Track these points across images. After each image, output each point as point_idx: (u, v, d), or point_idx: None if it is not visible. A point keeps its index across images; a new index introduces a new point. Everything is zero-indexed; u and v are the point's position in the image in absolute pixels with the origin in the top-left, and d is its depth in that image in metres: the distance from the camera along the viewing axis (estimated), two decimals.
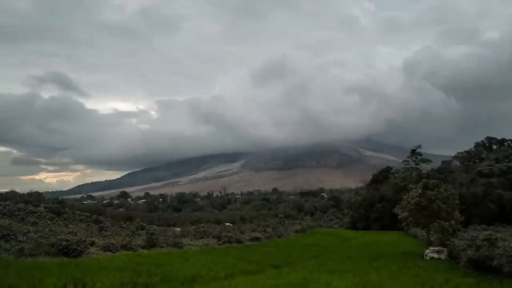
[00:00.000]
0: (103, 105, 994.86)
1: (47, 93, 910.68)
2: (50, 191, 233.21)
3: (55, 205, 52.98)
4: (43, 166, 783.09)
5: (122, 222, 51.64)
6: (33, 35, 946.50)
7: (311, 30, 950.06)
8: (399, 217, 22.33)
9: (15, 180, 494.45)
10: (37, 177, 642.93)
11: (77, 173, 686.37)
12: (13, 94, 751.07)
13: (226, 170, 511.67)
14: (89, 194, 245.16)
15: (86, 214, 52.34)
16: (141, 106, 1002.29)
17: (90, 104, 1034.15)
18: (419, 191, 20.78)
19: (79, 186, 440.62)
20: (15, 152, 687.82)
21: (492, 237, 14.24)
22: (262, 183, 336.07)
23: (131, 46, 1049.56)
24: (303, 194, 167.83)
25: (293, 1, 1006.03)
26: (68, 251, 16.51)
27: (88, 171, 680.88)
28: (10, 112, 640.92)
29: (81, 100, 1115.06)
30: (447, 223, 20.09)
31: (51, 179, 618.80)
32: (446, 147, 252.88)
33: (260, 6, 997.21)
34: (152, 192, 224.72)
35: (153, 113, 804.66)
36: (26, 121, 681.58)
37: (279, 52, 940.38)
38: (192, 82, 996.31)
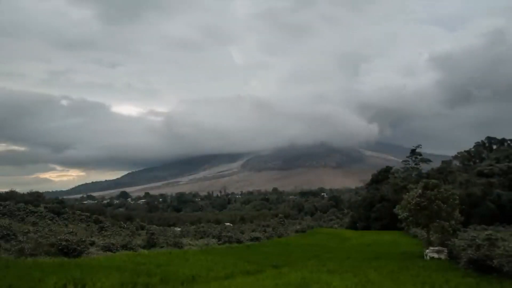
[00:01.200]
0: (128, 107, 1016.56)
1: (80, 95, 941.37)
2: (51, 190, 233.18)
3: (55, 205, 52.98)
4: (50, 165, 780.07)
5: (122, 222, 51.78)
6: (97, 47, 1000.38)
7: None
8: (399, 217, 22.33)
9: (18, 180, 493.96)
10: (41, 175, 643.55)
11: (78, 173, 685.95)
12: (51, 95, 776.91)
13: (226, 170, 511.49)
14: (89, 194, 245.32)
15: (86, 214, 52.27)
16: (165, 108, 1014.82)
17: (116, 107, 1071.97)
18: (420, 191, 20.74)
19: (79, 186, 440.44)
20: (22, 149, 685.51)
21: (492, 237, 14.25)
22: (262, 183, 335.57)
23: (185, 57, 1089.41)
24: (303, 194, 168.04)
25: (344, 19, 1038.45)
26: (68, 251, 16.51)
27: (91, 171, 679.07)
28: (29, 111, 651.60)
29: (109, 102, 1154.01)
30: (447, 223, 20.09)
31: (54, 179, 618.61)
32: (450, 147, 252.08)
33: (307, 23, 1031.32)
34: (152, 192, 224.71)
35: (173, 114, 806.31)
36: (41, 120, 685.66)
37: (312, 62, 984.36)
38: (226, 88, 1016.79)
